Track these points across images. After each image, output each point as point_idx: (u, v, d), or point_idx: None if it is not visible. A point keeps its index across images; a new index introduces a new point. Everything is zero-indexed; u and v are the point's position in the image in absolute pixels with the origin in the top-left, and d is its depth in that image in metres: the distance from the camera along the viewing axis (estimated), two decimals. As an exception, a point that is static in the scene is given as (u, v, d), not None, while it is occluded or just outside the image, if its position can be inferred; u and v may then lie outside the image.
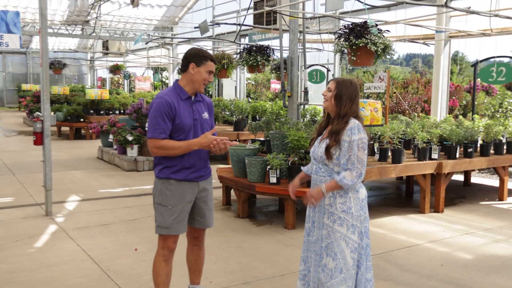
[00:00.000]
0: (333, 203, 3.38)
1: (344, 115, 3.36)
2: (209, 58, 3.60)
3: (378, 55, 5.97)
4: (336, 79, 3.49)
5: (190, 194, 3.67)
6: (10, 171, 10.21)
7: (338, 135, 3.32)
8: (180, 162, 3.60)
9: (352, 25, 5.95)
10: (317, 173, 3.48)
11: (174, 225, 3.62)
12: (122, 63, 24.69)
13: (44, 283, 4.53)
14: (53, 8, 18.73)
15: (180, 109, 3.54)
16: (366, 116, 6.22)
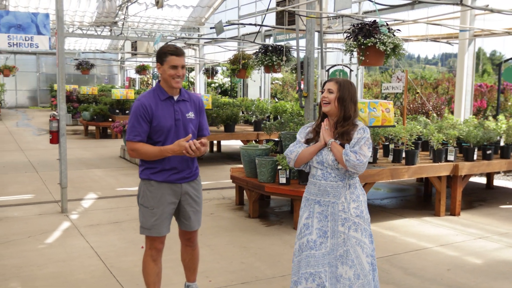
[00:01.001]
0: (347, 209, 3.28)
1: (350, 118, 3.32)
2: (169, 53, 3.48)
3: (388, 54, 5.88)
4: (336, 80, 3.37)
5: (172, 196, 3.63)
6: (34, 169, 10.45)
7: (349, 135, 3.29)
8: (160, 164, 3.57)
9: (361, 25, 5.89)
10: (326, 179, 3.34)
11: (155, 226, 3.60)
12: (150, 63, 24.97)
13: (49, 278, 4.62)
14: (82, 9, 19.09)
15: (157, 111, 3.51)
16: (377, 116, 6.15)
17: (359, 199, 3.32)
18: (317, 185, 3.37)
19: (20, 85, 31.49)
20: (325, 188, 3.33)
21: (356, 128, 3.32)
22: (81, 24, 20.10)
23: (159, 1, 14.67)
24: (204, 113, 3.78)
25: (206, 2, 19.96)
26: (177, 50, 3.51)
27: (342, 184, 3.31)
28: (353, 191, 3.33)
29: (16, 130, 18.31)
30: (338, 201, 3.30)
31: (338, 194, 3.31)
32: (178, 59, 3.50)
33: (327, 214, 3.32)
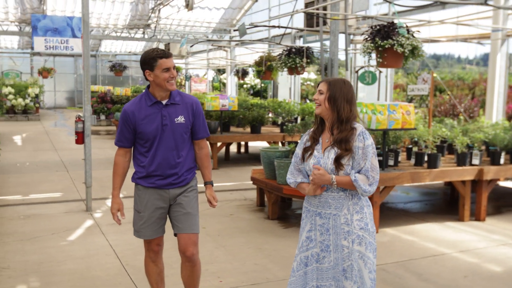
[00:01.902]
0: (349, 221, 3.04)
1: (346, 120, 3.04)
2: (158, 57, 3.38)
3: (406, 56, 5.82)
4: (327, 80, 3.14)
5: (160, 201, 3.58)
6: (65, 168, 10.73)
7: (348, 143, 3.01)
8: (144, 169, 3.56)
9: (379, 26, 5.84)
10: (327, 190, 3.08)
11: (142, 230, 3.61)
12: (182, 65, 25.27)
13: (66, 274, 4.76)
14: (116, 12, 19.46)
15: (141, 117, 3.47)
16: (397, 119, 6.08)
17: (363, 210, 3.08)
18: (317, 196, 3.12)
19: (58, 86, 32.35)
20: (326, 199, 3.09)
21: (355, 132, 3.04)
22: (115, 26, 20.50)
23: (188, 4, 14.84)
24: (201, 115, 3.66)
25: (237, 3, 20.08)
26: (165, 52, 3.43)
27: (344, 194, 3.06)
28: (356, 201, 3.07)
29: (52, 130, 18.80)
30: (340, 213, 3.05)
31: (340, 206, 3.06)
32: (169, 61, 3.43)
33: (329, 227, 3.09)
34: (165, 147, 3.50)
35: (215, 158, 10.94)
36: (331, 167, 3.03)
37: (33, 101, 22.41)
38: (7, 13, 18.41)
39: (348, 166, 3.01)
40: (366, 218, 3.08)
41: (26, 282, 4.56)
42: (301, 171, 3.25)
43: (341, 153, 3.01)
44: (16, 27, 19.56)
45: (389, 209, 7.60)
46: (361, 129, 3.07)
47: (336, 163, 3.02)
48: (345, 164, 3.01)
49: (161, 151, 3.50)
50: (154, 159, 3.51)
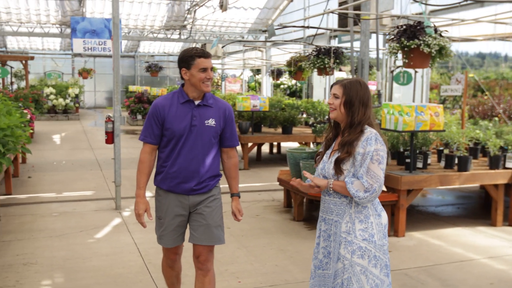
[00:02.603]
0: (351, 230, 2.84)
1: (358, 123, 2.88)
2: (196, 56, 3.27)
3: (433, 57, 5.69)
4: (342, 82, 2.96)
5: (179, 208, 3.44)
6: (99, 166, 10.96)
7: (351, 146, 2.84)
8: (165, 169, 3.41)
9: (405, 26, 5.73)
10: (329, 195, 2.94)
11: (163, 237, 3.50)
12: (218, 65, 25.44)
13: (90, 271, 4.86)
14: (153, 14, 19.75)
15: (171, 114, 3.34)
16: (425, 120, 5.96)
17: (368, 219, 2.86)
18: (323, 201, 3.02)
19: (98, 87, 33.06)
20: (328, 204, 2.97)
21: (361, 137, 2.85)
22: (152, 28, 20.81)
23: (223, 5, 14.94)
24: (232, 122, 3.51)
25: (272, 3, 20.08)
26: (204, 52, 3.31)
27: (346, 201, 2.89)
28: (360, 210, 2.87)
29: (91, 129, 19.23)
30: (341, 220, 2.89)
31: (342, 213, 2.90)
32: (207, 61, 3.30)
33: (330, 233, 2.96)
34: (190, 148, 3.35)
35: (246, 159, 10.97)
36: (332, 172, 2.90)
37: (73, 101, 22.97)
38: (48, 16, 18.95)
39: (349, 173, 2.85)
40: (372, 229, 2.85)
41: (51, 278, 4.68)
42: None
43: (341, 156, 2.86)
44: (57, 29, 20.10)
45: (419, 212, 7.46)
46: (369, 134, 2.85)
47: (335, 167, 2.87)
48: (345, 169, 2.85)
49: (185, 153, 3.35)
50: (177, 160, 3.36)
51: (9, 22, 19.02)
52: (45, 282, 4.58)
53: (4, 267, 4.89)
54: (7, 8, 17.99)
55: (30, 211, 7.08)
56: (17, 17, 18.85)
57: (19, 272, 4.77)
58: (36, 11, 18.53)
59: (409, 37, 5.61)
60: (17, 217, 6.71)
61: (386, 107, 6.17)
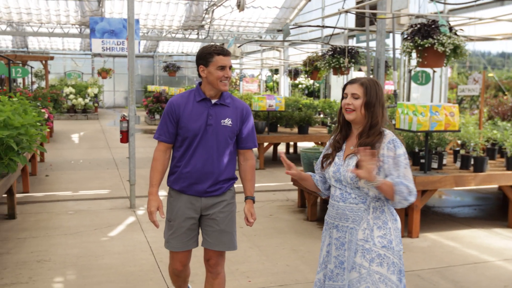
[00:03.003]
0: (369, 237, 2.71)
1: (375, 124, 2.76)
2: (215, 53, 3.18)
3: (448, 56, 5.61)
4: (361, 81, 2.80)
5: (191, 210, 3.33)
6: (116, 165, 11.05)
7: (373, 149, 2.69)
8: (179, 169, 3.32)
9: (419, 25, 5.67)
10: (345, 200, 2.78)
11: (171, 240, 3.37)
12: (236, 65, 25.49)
13: (101, 268, 4.90)
14: (171, 14, 19.86)
15: (187, 112, 3.25)
16: (439, 120, 5.89)
17: (386, 225, 2.74)
18: (335, 207, 2.83)
19: (117, 86, 33.37)
20: (343, 211, 2.79)
21: (383, 139, 2.73)
22: (170, 28, 20.92)
23: (240, 4, 14.96)
24: (250, 123, 3.40)
25: (290, 3, 20.04)
26: (223, 49, 3.21)
27: (364, 207, 2.74)
28: (378, 215, 2.74)
29: (109, 128, 19.41)
30: (358, 227, 2.73)
31: (359, 219, 2.75)
32: (226, 59, 3.21)
33: (345, 241, 2.78)
34: (205, 148, 3.25)
35: (261, 158, 10.97)
36: (350, 176, 2.73)
37: (92, 101, 23.21)
38: (68, 16, 19.17)
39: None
40: (390, 235, 2.73)
41: (64, 275, 4.73)
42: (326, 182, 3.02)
43: None
44: (77, 30, 20.33)
45: (434, 213, 7.37)
46: (391, 136, 2.75)
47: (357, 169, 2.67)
48: None
49: (200, 153, 3.26)
50: (191, 160, 3.27)
51: (29, 23, 19.31)
52: (57, 279, 4.63)
53: (18, 264, 4.95)
54: (27, 9, 18.26)
55: (46, 209, 7.17)
56: (38, 18, 19.11)
57: (32, 269, 4.83)
58: (56, 12, 18.76)
59: (423, 36, 5.55)
60: (33, 215, 6.80)
61: (401, 107, 6.11)
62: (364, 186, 2.71)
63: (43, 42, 28.52)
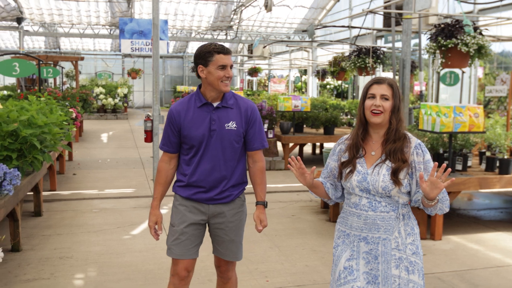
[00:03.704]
0: (401, 245, 2.60)
1: (400, 127, 2.64)
2: (215, 52, 3.00)
3: (472, 56, 5.51)
4: (389, 82, 2.65)
5: (197, 215, 3.18)
6: (142, 165, 11.19)
7: (403, 153, 2.58)
8: (186, 178, 3.18)
9: (443, 25, 5.58)
10: (375, 210, 2.60)
11: (173, 246, 3.20)
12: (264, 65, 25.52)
13: (122, 266, 4.98)
14: (200, 14, 20.01)
15: (188, 119, 3.10)
16: (463, 122, 5.79)
17: (414, 231, 2.65)
18: (362, 217, 2.63)
19: (147, 87, 33.79)
20: (374, 220, 2.61)
21: (407, 142, 2.62)
22: (199, 28, 21.08)
23: (267, 5, 14.98)
24: (256, 123, 3.21)
25: (318, 3, 19.97)
26: (224, 47, 3.04)
27: (395, 215, 2.61)
28: (407, 222, 2.64)
29: (137, 128, 19.66)
30: (390, 236, 2.60)
31: (391, 228, 2.60)
32: (227, 58, 3.03)
33: (378, 254, 2.61)
34: (211, 155, 3.11)
35: (286, 159, 10.96)
36: (382, 185, 2.57)
37: (122, 101, 23.55)
38: (98, 17, 19.51)
39: (404, 181, 2.58)
40: (417, 240, 2.65)
41: (85, 272, 4.82)
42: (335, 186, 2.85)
43: (397, 166, 2.55)
44: (107, 31, 20.66)
45: (459, 216, 7.25)
46: (416, 140, 2.65)
47: (394, 178, 2.54)
48: (402, 179, 2.56)
49: (206, 160, 3.11)
50: (198, 168, 3.13)
51: (61, 24, 19.71)
52: (78, 276, 4.72)
53: (41, 260, 5.07)
54: (59, 10, 18.64)
55: (71, 207, 7.31)
56: (69, 19, 19.50)
57: (54, 266, 4.94)
58: (86, 13, 19.11)
59: (446, 36, 5.46)
60: (58, 213, 6.94)
61: (424, 107, 6.03)
62: (396, 195, 2.59)
63: (75, 43, 29.09)
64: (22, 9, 17.98)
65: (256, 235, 6.08)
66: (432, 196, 2.42)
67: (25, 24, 19.20)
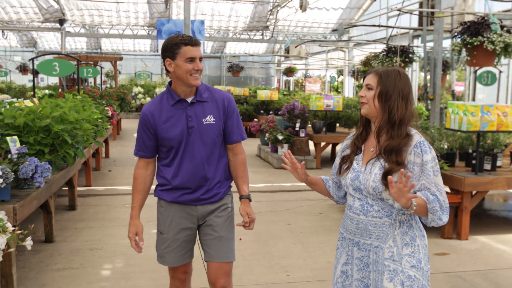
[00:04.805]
0: (396, 256, 2.33)
1: (400, 122, 2.34)
2: (182, 43, 2.78)
3: (498, 54, 5.44)
4: (377, 71, 2.43)
5: (186, 220, 3.00)
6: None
7: (399, 154, 2.30)
8: (169, 180, 2.97)
9: (469, 23, 5.53)
10: (366, 214, 2.38)
11: (165, 254, 3.04)
12: (301, 65, 25.54)
13: (147, 258, 5.13)
14: (236, 15, 20.21)
15: (162, 120, 2.90)
16: (491, 121, 5.72)
17: (414, 242, 2.36)
18: (354, 221, 2.43)
19: (187, 87, 34.25)
20: (365, 226, 2.39)
21: (410, 141, 2.33)
22: (235, 29, 21.28)
23: (302, 5, 15.04)
24: (234, 114, 3.02)
25: (354, 3, 19.87)
26: (191, 39, 2.81)
27: (389, 221, 2.35)
28: (405, 230, 2.37)
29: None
30: (383, 245, 2.35)
31: (384, 236, 2.36)
32: (195, 49, 2.80)
33: (369, 262, 2.40)
34: (192, 154, 2.91)
35: (318, 158, 10.99)
36: (373, 185, 2.33)
37: (160, 100, 24.02)
38: (137, 18, 19.96)
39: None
40: (419, 253, 2.35)
41: (112, 263, 5.01)
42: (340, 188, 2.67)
43: (390, 168, 2.29)
44: (145, 31, 21.10)
45: (489, 216, 7.14)
46: (418, 138, 2.34)
47: (385, 181, 2.28)
48: (394, 181, 2.25)
49: (188, 159, 2.92)
50: (180, 170, 2.93)
51: (101, 25, 20.24)
52: (105, 266, 4.91)
53: (72, 251, 5.29)
54: (99, 11, 19.16)
55: (105, 202, 7.56)
56: (109, 20, 20.01)
57: (84, 256, 5.15)
58: (126, 13, 19.57)
59: (472, 34, 5.41)
60: (92, 207, 7.19)
61: (451, 106, 5.98)
62: (389, 198, 2.32)
63: (115, 44, 29.78)
64: (64, 10, 18.57)
65: (281, 231, 6.17)
66: (402, 205, 2.18)
67: (67, 25, 19.82)
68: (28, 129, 4.65)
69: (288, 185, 9.03)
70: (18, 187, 4.35)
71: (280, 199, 7.95)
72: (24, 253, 5.14)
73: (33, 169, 4.17)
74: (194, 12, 19.72)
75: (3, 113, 4.70)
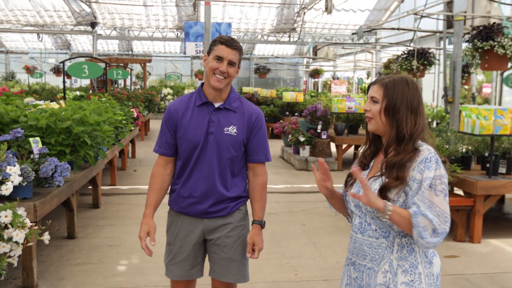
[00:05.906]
0: (391, 283, 2.09)
1: (409, 137, 2.11)
2: (220, 41, 2.69)
3: (510, 58, 5.46)
4: (382, 81, 2.19)
5: (192, 233, 2.84)
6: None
7: (402, 169, 2.07)
8: (177, 187, 2.86)
9: (481, 27, 5.55)
10: (363, 232, 2.19)
11: (170, 266, 2.91)
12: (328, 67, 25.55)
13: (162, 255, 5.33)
14: (263, 17, 20.38)
15: (185, 118, 2.77)
16: (505, 124, 5.74)
17: (415, 269, 2.10)
18: (353, 239, 2.26)
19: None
20: (361, 245, 2.19)
21: (415, 157, 2.08)
22: (263, 31, 21.47)
23: (327, 7, 15.10)
24: (260, 132, 2.83)
25: (382, 5, 19.79)
26: (230, 40, 2.70)
27: (386, 243, 2.13)
28: (405, 256, 2.12)
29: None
30: (377, 268, 2.13)
31: (379, 258, 2.14)
32: (227, 51, 2.66)
33: (362, 284, 2.20)
34: (206, 162, 2.75)
35: (339, 160, 11.07)
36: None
37: (189, 101, 24.40)
38: (166, 21, 20.34)
39: (397, 203, 2.09)
40: (419, 282, 2.09)
41: (129, 259, 5.23)
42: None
43: (388, 183, 2.08)
44: (174, 34, 21.47)
45: (506, 220, 7.12)
46: (427, 154, 2.07)
47: (380, 196, 2.08)
48: (393, 199, 2.08)
49: (200, 167, 2.76)
50: (191, 177, 2.79)
51: (131, 28, 20.70)
52: (122, 262, 5.14)
53: (92, 247, 5.54)
54: (129, 14, 19.61)
55: (128, 200, 7.82)
56: (139, 23, 20.45)
57: (103, 252, 5.39)
58: (155, 16, 19.97)
59: (483, 39, 5.45)
60: (115, 205, 7.46)
61: (465, 110, 6.02)
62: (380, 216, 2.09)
63: (146, 46, 30.34)
64: (96, 14, 19.08)
65: (295, 231, 6.31)
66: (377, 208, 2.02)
67: (99, 28, 20.33)
68: (50, 130, 4.92)
69: (308, 186, 9.15)
70: (40, 185, 4.61)
71: (298, 200, 8.08)
72: (47, 248, 5.41)
73: (53, 168, 4.42)
74: (222, 15, 19.98)
75: (27, 115, 4.98)
